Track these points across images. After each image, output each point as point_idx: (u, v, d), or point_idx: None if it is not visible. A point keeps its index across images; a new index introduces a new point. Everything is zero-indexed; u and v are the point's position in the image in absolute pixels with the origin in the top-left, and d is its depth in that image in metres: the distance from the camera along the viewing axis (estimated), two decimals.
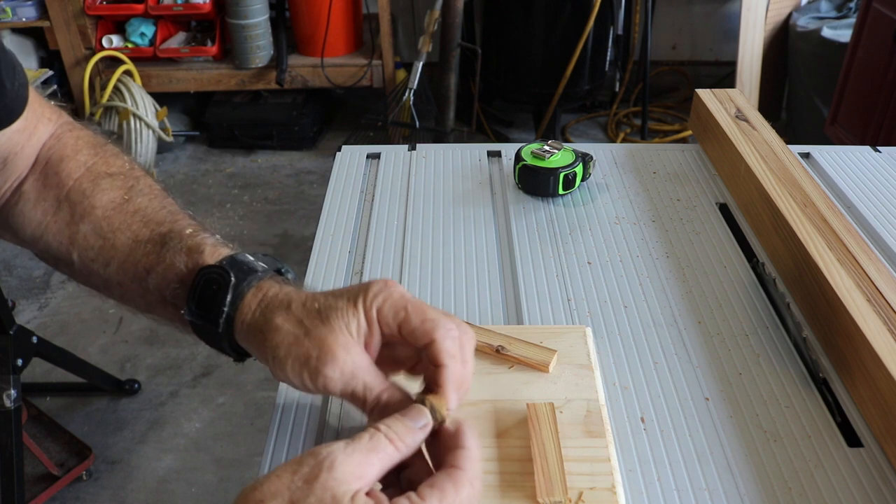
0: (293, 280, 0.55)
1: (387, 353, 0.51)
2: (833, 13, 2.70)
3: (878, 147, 1.01)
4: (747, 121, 0.94)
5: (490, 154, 1.01)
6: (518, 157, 0.91)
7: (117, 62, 2.86)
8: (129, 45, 2.92)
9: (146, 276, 0.55)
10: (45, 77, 2.81)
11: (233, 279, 0.51)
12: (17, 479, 1.43)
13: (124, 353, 2.00)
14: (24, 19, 2.86)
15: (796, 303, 0.72)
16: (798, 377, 0.64)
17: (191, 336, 0.55)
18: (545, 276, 0.77)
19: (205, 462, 1.70)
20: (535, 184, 0.90)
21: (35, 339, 1.55)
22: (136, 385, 1.88)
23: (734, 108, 0.97)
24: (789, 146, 0.89)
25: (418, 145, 1.02)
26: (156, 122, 2.80)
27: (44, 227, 0.57)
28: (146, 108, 2.78)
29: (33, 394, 1.82)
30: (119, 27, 2.99)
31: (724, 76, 3.17)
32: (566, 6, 2.69)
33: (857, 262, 0.68)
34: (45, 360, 1.66)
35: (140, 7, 2.84)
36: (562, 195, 0.90)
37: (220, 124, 2.97)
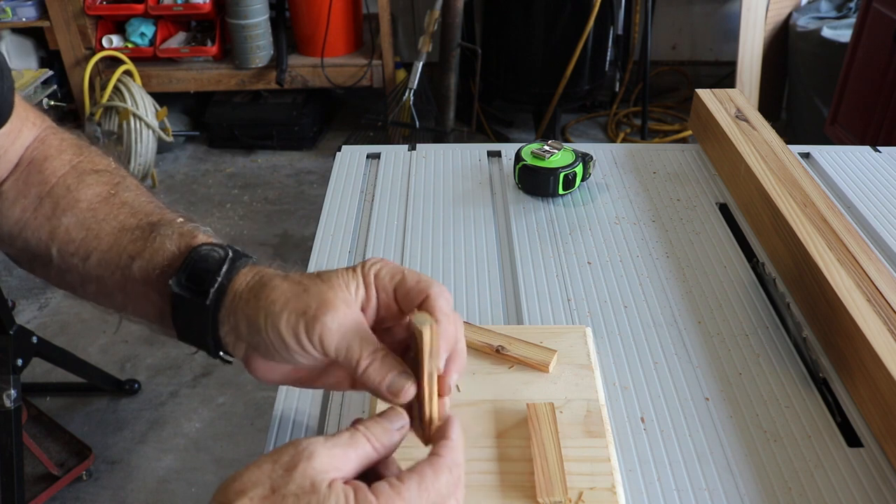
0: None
1: (376, 325, 0.51)
2: (833, 13, 2.70)
3: (878, 147, 1.01)
4: (747, 121, 0.94)
5: (490, 154, 1.01)
6: (518, 157, 0.91)
7: (117, 62, 2.86)
8: (129, 45, 2.92)
9: (130, 264, 0.54)
10: (45, 77, 2.81)
11: (230, 253, 0.51)
12: (17, 479, 1.43)
13: (124, 353, 2.00)
14: (24, 19, 2.86)
15: (796, 303, 0.72)
16: (798, 377, 0.64)
17: (163, 334, 0.55)
18: (545, 276, 0.77)
19: (205, 462, 1.70)
20: (535, 184, 0.90)
21: (35, 339, 1.55)
22: (136, 385, 1.88)
23: (734, 108, 0.97)
24: (789, 146, 0.89)
25: (418, 145, 1.02)
26: (156, 122, 2.80)
27: (22, 224, 0.57)
28: (146, 108, 2.78)
29: (33, 394, 1.82)
30: (119, 27, 2.99)
31: (724, 76, 3.17)
32: (566, 6, 2.69)
33: (857, 262, 0.68)
34: (45, 360, 1.66)
35: (140, 7, 2.84)
36: (562, 195, 0.90)
37: (220, 124, 2.97)
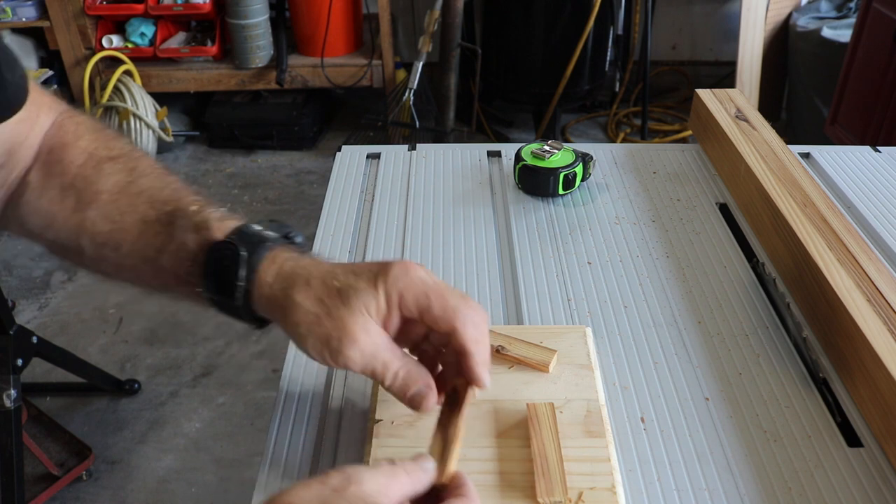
0: (302, 244, 0.56)
1: (399, 329, 0.52)
2: (833, 13, 2.70)
3: (878, 147, 1.01)
4: (747, 121, 0.94)
5: (490, 154, 1.01)
6: (518, 157, 0.91)
7: (117, 62, 2.86)
8: (129, 45, 2.92)
9: (158, 257, 0.55)
10: (45, 77, 2.82)
11: (243, 253, 0.51)
12: (17, 479, 1.43)
13: (124, 353, 2.00)
14: (24, 19, 2.86)
15: (796, 303, 0.72)
16: (798, 377, 0.64)
17: (209, 310, 0.56)
18: (545, 276, 0.77)
19: (205, 462, 1.70)
20: (535, 184, 0.90)
21: (35, 339, 1.55)
22: (136, 385, 1.88)
23: (734, 108, 0.97)
24: (789, 146, 0.89)
25: (418, 145, 1.02)
26: (156, 122, 2.80)
27: (51, 217, 0.58)
28: (146, 108, 2.78)
29: (33, 394, 1.82)
30: (119, 27, 2.99)
31: (724, 76, 3.17)
32: (566, 6, 2.69)
33: (857, 262, 0.68)
34: (45, 360, 1.66)
35: (140, 7, 2.84)
36: (562, 195, 0.90)
37: (220, 124, 2.97)
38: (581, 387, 0.59)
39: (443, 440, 0.50)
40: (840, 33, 2.47)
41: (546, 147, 0.91)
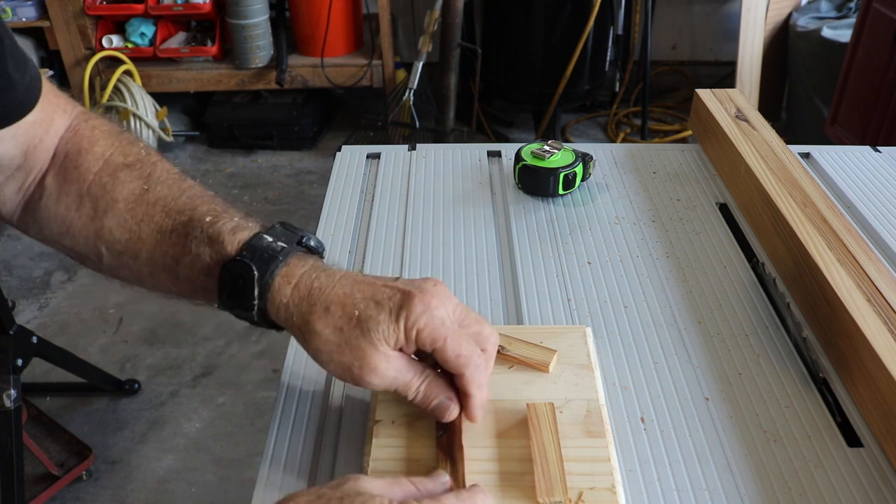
0: (317, 248, 0.56)
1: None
2: (833, 13, 2.70)
3: (878, 147, 1.01)
4: (747, 121, 0.94)
5: (490, 154, 1.01)
6: (518, 157, 0.91)
7: (117, 62, 2.86)
8: (129, 45, 2.92)
9: (175, 266, 0.56)
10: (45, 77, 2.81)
11: (255, 272, 0.52)
12: (17, 479, 1.43)
13: (124, 353, 2.00)
14: (24, 19, 2.86)
15: (796, 303, 0.72)
16: (798, 377, 0.64)
17: (210, 310, 0.57)
18: (545, 276, 0.77)
19: (205, 462, 1.70)
20: (535, 184, 0.90)
21: (35, 339, 1.55)
22: (136, 385, 1.88)
23: (734, 108, 0.97)
24: (789, 146, 0.89)
25: (418, 145, 1.02)
26: (156, 122, 2.80)
27: (69, 223, 0.58)
28: (146, 108, 2.78)
29: (33, 394, 1.82)
30: (119, 27, 2.99)
31: (724, 76, 3.17)
32: (566, 6, 2.69)
33: (857, 262, 0.68)
34: (45, 360, 1.66)
35: (140, 7, 2.84)
36: (562, 195, 0.90)
37: (220, 124, 2.97)
38: (581, 387, 0.59)
39: (451, 463, 0.51)
40: (840, 33, 2.47)
41: (546, 147, 0.91)
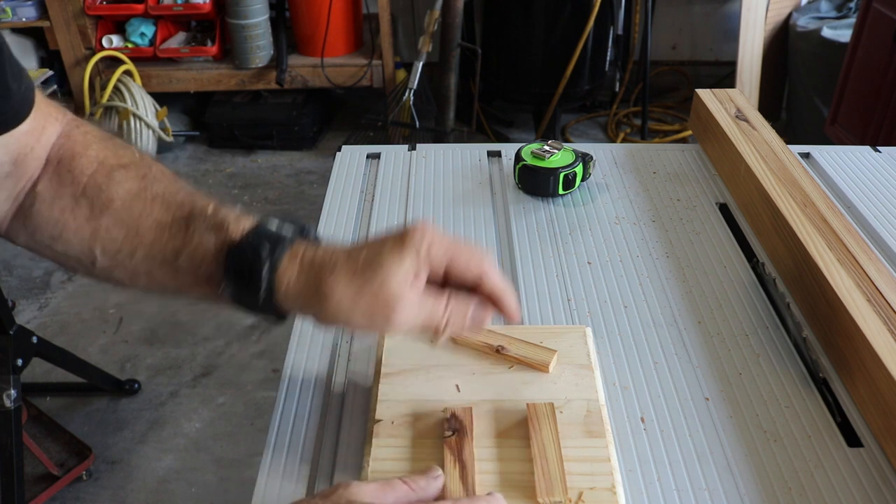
0: (317, 238, 0.57)
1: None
2: (833, 13, 2.70)
3: (878, 147, 1.01)
4: (747, 121, 0.94)
5: (490, 154, 1.01)
6: (518, 157, 0.91)
7: (117, 62, 2.86)
8: (129, 45, 2.92)
9: (175, 259, 0.56)
10: (45, 77, 2.81)
11: (263, 252, 0.52)
12: (17, 479, 1.43)
13: (124, 353, 2.00)
14: (24, 19, 2.86)
15: (796, 303, 0.72)
16: (798, 377, 0.64)
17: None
18: (545, 276, 0.77)
19: (205, 462, 1.70)
20: (535, 184, 0.90)
21: (35, 339, 1.55)
22: (136, 385, 1.88)
23: (734, 108, 0.97)
24: (789, 146, 0.89)
25: (418, 145, 1.02)
26: (156, 122, 2.80)
27: (62, 226, 0.57)
28: (146, 108, 2.78)
29: (33, 394, 1.81)
30: (119, 27, 2.99)
31: (724, 76, 3.17)
32: (566, 6, 2.69)
33: (857, 262, 0.68)
34: (45, 360, 1.66)
35: (140, 7, 2.83)
36: (562, 195, 0.90)
37: (220, 124, 2.97)
38: (581, 387, 0.59)
39: (461, 467, 0.51)
40: (840, 33, 2.47)
41: (546, 147, 0.91)
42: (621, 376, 0.64)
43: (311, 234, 0.57)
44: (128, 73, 2.85)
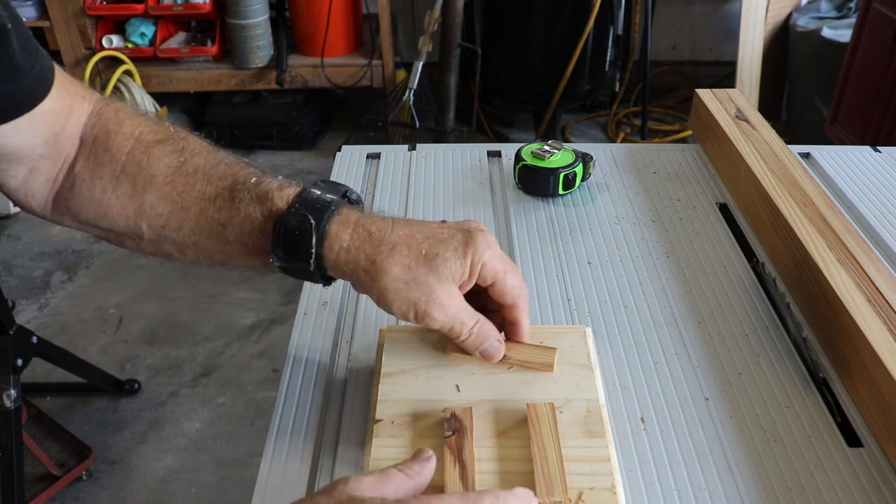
0: (358, 201, 0.58)
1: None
2: (833, 13, 2.70)
3: (878, 147, 1.01)
4: (747, 121, 0.94)
5: (490, 154, 1.01)
6: (518, 157, 0.91)
7: (117, 62, 2.86)
8: (129, 45, 2.92)
9: (223, 231, 0.56)
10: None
11: (311, 220, 0.53)
12: (17, 479, 1.43)
13: (124, 353, 2.00)
14: (24, 19, 2.85)
15: (796, 303, 0.72)
16: (798, 377, 0.64)
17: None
18: (545, 276, 0.77)
19: (205, 462, 1.70)
20: (535, 184, 0.90)
21: (35, 339, 1.55)
22: (136, 385, 1.88)
23: (734, 108, 0.97)
24: (789, 146, 0.89)
25: (418, 145, 1.02)
26: None
27: (105, 206, 0.58)
28: (146, 108, 2.78)
29: (33, 394, 1.81)
30: (119, 27, 2.99)
31: (724, 76, 3.17)
32: (566, 6, 2.69)
33: (857, 262, 0.68)
34: (45, 360, 1.66)
35: (140, 7, 2.84)
36: (562, 195, 0.90)
37: (220, 124, 2.97)
38: (581, 387, 0.59)
39: (461, 467, 0.51)
40: (840, 33, 2.47)
41: (546, 147, 0.91)
42: (621, 376, 0.64)
43: (353, 196, 0.58)
44: (128, 73, 2.85)
